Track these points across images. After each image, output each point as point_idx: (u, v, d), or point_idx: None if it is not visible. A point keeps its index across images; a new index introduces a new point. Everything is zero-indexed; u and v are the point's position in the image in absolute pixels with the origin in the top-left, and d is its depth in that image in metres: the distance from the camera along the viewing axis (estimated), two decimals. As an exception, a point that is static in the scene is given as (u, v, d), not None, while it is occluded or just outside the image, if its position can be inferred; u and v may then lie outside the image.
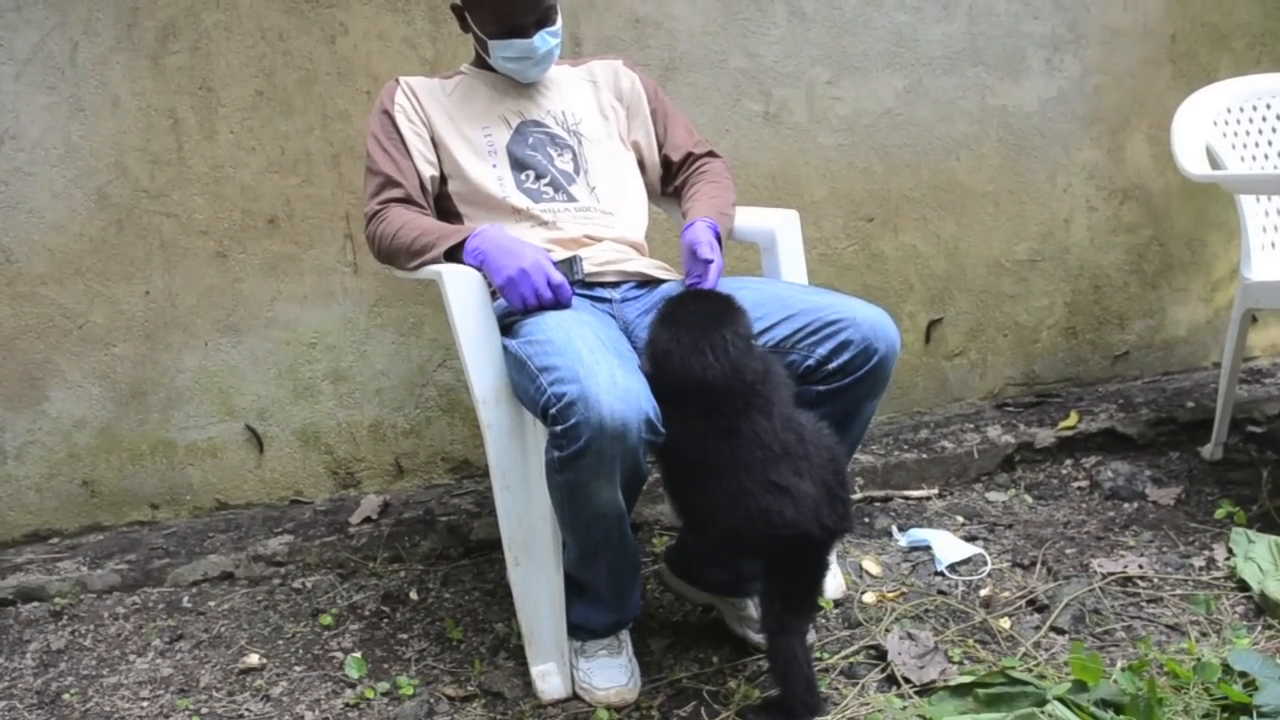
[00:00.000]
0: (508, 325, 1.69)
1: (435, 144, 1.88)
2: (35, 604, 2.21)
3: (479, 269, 1.67)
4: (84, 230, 2.31)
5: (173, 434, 2.43)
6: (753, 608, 1.80)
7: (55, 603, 2.19)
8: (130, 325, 2.37)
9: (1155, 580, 2.00)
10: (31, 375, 2.35)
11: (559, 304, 1.65)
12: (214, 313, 2.39)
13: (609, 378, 1.45)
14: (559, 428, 1.46)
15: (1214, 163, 2.37)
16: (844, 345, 1.65)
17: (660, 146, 2.04)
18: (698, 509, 1.58)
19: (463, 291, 1.65)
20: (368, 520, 2.36)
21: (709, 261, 1.71)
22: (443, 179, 1.88)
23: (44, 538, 2.43)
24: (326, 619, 2.07)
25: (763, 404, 1.51)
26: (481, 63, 1.95)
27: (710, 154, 2.04)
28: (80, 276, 2.33)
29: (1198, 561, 2.07)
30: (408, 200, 1.83)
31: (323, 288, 2.42)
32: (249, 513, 2.48)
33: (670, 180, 2.05)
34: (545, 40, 1.84)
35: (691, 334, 1.52)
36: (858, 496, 2.43)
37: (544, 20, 1.83)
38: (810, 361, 1.67)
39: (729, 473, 1.50)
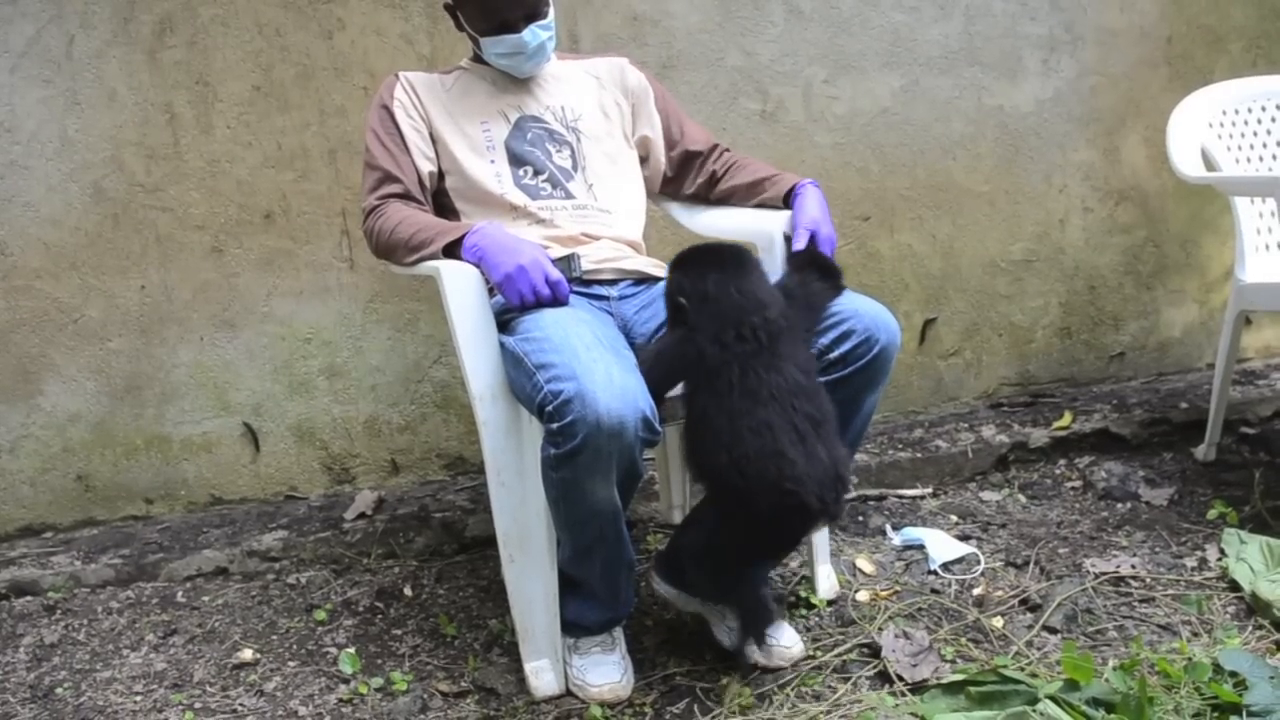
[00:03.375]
0: (505, 322, 1.69)
1: (434, 140, 1.88)
2: (28, 598, 2.20)
3: (477, 265, 1.67)
4: (80, 224, 2.31)
5: (167, 429, 2.43)
6: None
7: (49, 597, 2.19)
8: (125, 320, 2.36)
9: (1147, 580, 2.01)
10: (26, 369, 2.35)
11: (556, 301, 1.65)
12: (209, 308, 2.39)
13: (606, 375, 1.46)
14: (555, 425, 1.47)
15: (1209, 164, 2.38)
16: (845, 335, 1.67)
17: (675, 144, 2.04)
18: (716, 438, 1.54)
19: (460, 288, 1.65)
20: (362, 516, 2.36)
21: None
22: (440, 175, 1.88)
23: (37, 532, 2.42)
24: (320, 614, 2.07)
25: (791, 355, 1.55)
26: (480, 58, 1.95)
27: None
28: (75, 270, 2.32)
29: (1190, 562, 2.07)
30: (406, 196, 1.83)
31: (319, 283, 2.41)
32: (243, 508, 2.48)
33: (694, 173, 2.04)
34: (536, 34, 1.84)
35: (734, 273, 1.56)
36: (852, 495, 2.43)
37: (533, 14, 1.83)
38: (812, 351, 1.68)
39: (758, 407, 1.50)
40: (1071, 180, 2.78)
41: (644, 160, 2.04)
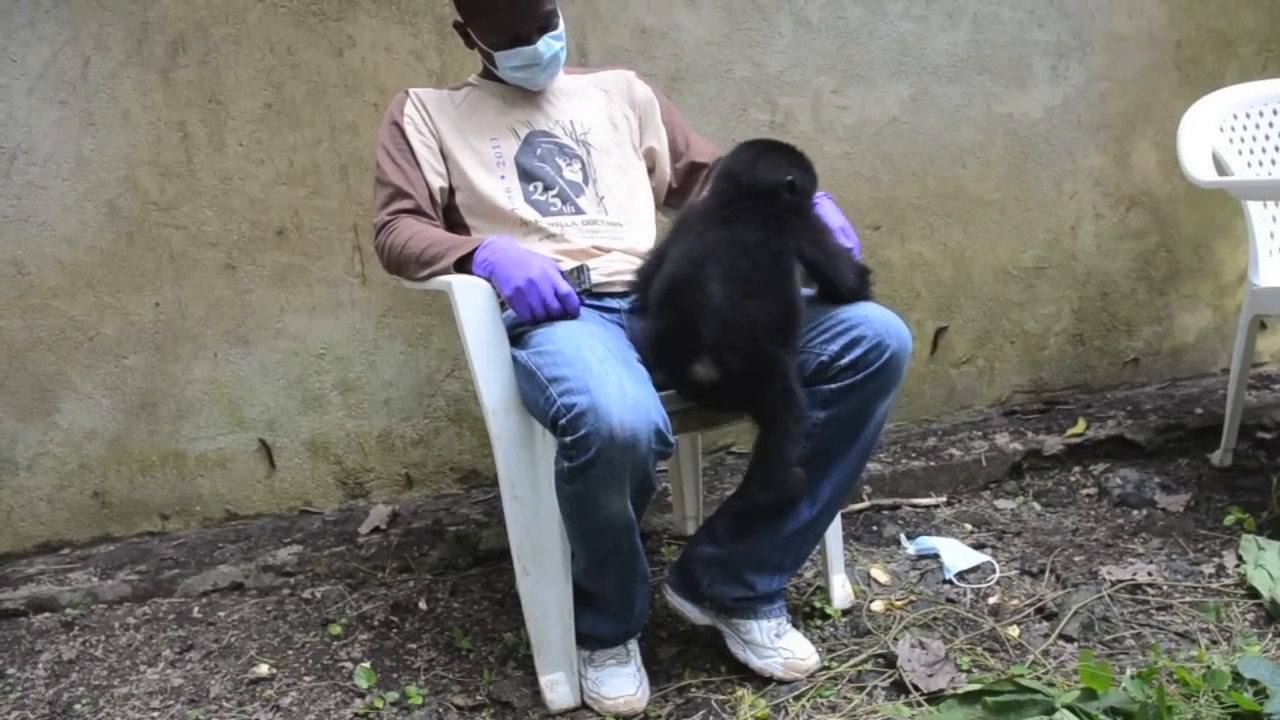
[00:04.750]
0: (517, 336, 1.69)
1: (444, 155, 1.89)
2: (46, 614, 2.22)
3: (488, 279, 1.68)
4: (95, 243, 2.33)
5: (183, 445, 2.45)
6: (756, 631, 1.79)
7: (66, 613, 2.20)
8: (140, 337, 2.38)
9: (1165, 587, 2.00)
10: (43, 387, 2.37)
11: (566, 314, 1.65)
12: (223, 324, 2.40)
13: (619, 388, 1.46)
14: (569, 438, 1.47)
15: (1220, 169, 2.37)
16: (855, 341, 1.67)
17: (680, 155, 2.05)
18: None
19: (472, 302, 1.66)
20: (377, 530, 2.37)
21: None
22: (451, 191, 1.89)
23: (55, 548, 2.44)
24: (336, 629, 2.07)
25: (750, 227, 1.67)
26: (489, 74, 1.96)
27: None
28: (91, 289, 2.34)
29: (1207, 569, 2.06)
30: (417, 211, 1.84)
31: (331, 298, 2.43)
32: (258, 523, 2.49)
33: (699, 185, 2.05)
34: (550, 45, 1.85)
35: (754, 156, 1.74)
36: (864, 505, 2.43)
37: (545, 25, 1.84)
38: (823, 358, 1.68)
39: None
40: (1082, 186, 2.78)
41: (650, 171, 2.05)
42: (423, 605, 2.16)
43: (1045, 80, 2.69)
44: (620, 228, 1.91)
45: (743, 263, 1.61)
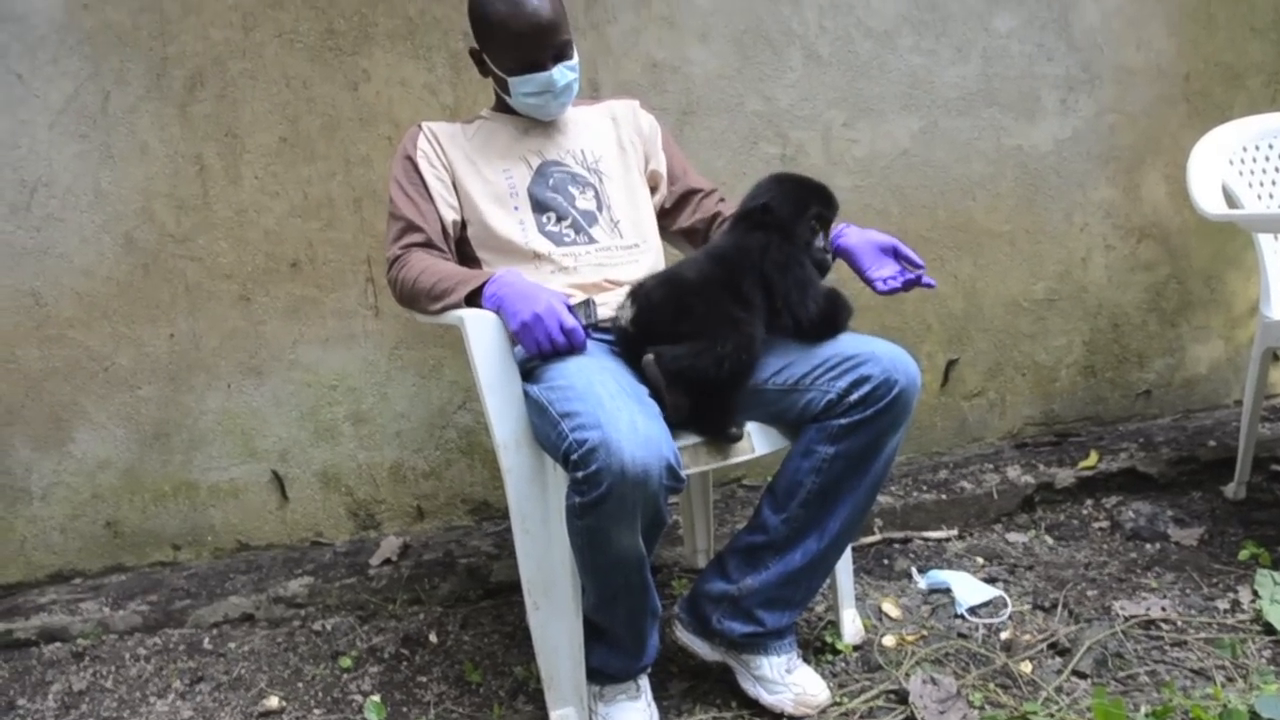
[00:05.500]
0: (529, 370, 1.70)
1: (456, 188, 1.90)
2: (58, 644, 2.22)
3: (497, 313, 1.69)
4: (111, 274, 2.35)
5: (195, 475, 2.46)
6: (767, 666, 1.78)
7: (77, 643, 2.21)
8: (155, 367, 2.40)
9: (1179, 623, 1.98)
10: (58, 416, 2.38)
11: (572, 349, 1.66)
12: (237, 355, 2.42)
13: (630, 424, 1.46)
14: (580, 473, 1.47)
15: (1231, 201, 2.37)
16: (864, 379, 1.67)
17: (676, 180, 2.08)
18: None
19: (484, 336, 1.67)
20: (388, 562, 2.37)
21: (922, 265, 1.86)
22: (463, 224, 1.91)
23: (67, 578, 2.45)
24: (346, 661, 2.07)
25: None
26: (501, 106, 1.98)
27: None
28: (107, 319, 2.36)
29: (1222, 604, 2.04)
30: (429, 245, 1.85)
31: (344, 330, 2.44)
32: (270, 554, 2.49)
33: (691, 208, 2.08)
34: (564, 74, 1.86)
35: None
36: (875, 538, 2.42)
37: (561, 54, 1.86)
38: (831, 395, 1.69)
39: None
40: (1092, 218, 2.78)
41: (652, 191, 2.07)
42: (433, 638, 2.15)
43: (1055, 113, 2.70)
44: (636, 249, 1.93)
45: (707, 264, 1.74)
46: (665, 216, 2.10)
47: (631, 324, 1.70)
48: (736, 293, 1.70)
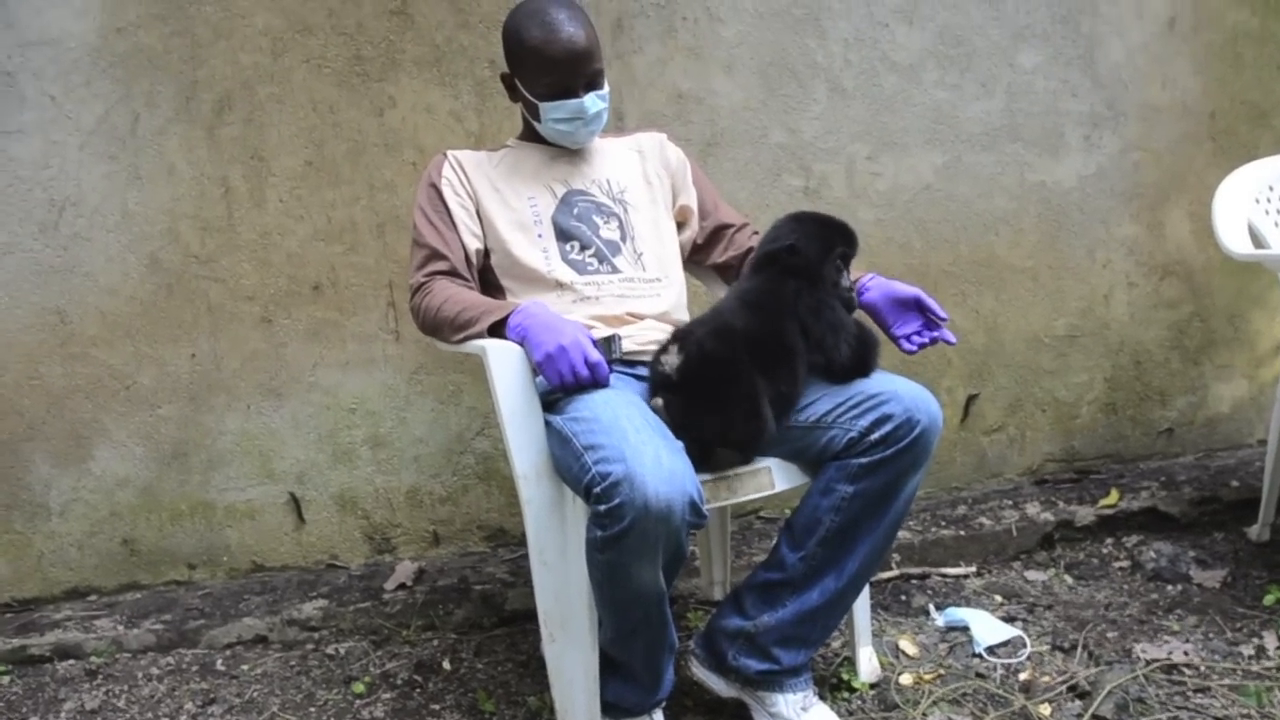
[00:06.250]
0: (551, 401, 1.70)
1: (480, 217, 1.90)
2: (71, 662, 2.22)
3: (520, 344, 1.69)
4: (135, 293, 2.37)
5: (212, 495, 2.46)
6: (782, 704, 1.77)
7: (91, 661, 2.21)
8: (175, 387, 2.41)
9: (1202, 668, 1.96)
10: (79, 434, 2.39)
11: (596, 383, 1.65)
12: (257, 376, 2.43)
13: (654, 459, 1.46)
14: (603, 507, 1.46)
15: (1256, 240, 2.36)
16: (885, 418, 1.66)
17: (708, 215, 2.08)
18: None
19: (506, 367, 1.67)
20: (402, 587, 2.36)
21: (945, 318, 1.86)
22: (486, 252, 1.91)
23: (83, 594, 2.45)
24: (359, 687, 2.06)
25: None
26: (528, 134, 1.99)
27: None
28: (130, 338, 2.38)
29: (1246, 650, 2.02)
30: (452, 273, 1.86)
31: (364, 354, 2.45)
32: (284, 575, 2.49)
33: (724, 244, 2.08)
34: (595, 102, 1.87)
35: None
36: (893, 573, 2.40)
37: (593, 83, 1.86)
38: (852, 434, 1.68)
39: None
40: (1115, 255, 2.77)
41: (681, 227, 2.07)
42: (446, 665, 2.14)
43: (1079, 149, 2.70)
44: (658, 283, 1.92)
45: (745, 312, 1.73)
46: (698, 252, 2.10)
47: (676, 372, 1.67)
48: (779, 344, 1.69)
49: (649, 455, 1.46)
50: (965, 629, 2.15)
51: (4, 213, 2.30)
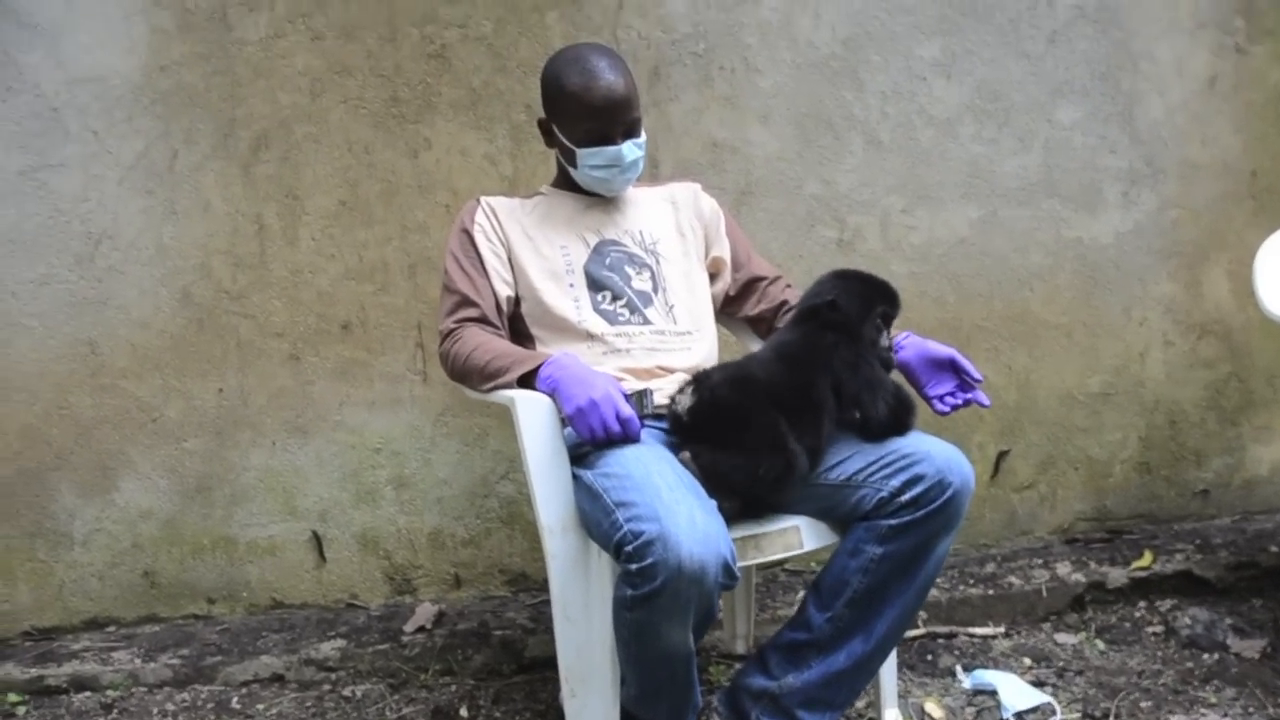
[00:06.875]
0: (580, 455, 1.68)
1: (512, 264, 1.90)
2: (87, 694, 2.22)
3: (551, 395, 1.67)
4: (166, 327, 2.38)
5: (234, 530, 2.45)
6: None
7: (107, 694, 2.20)
8: (202, 421, 2.41)
9: (1240, 746, 1.90)
10: (105, 465, 2.40)
11: (627, 438, 1.63)
12: (283, 413, 2.43)
13: (689, 518, 1.43)
14: (634, 566, 1.44)
15: (1298, 304, 2.31)
16: (917, 479, 1.64)
17: (741, 267, 2.06)
18: None
19: (535, 419, 1.65)
20: (422, 630, 2.34)
21: (979, 379, 1.84)
22: (517, 300, 1.90)
23: (102, 625, 2.45)
24: (375, 733, 2.04)
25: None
26: (562, 182, 1.98)
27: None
28: (159, 371, 2.39)
29: (1287, 727, 1.96)
30: (483, 320, 1.85)
31: (391, 394, 2.45)
32: (303, 613, 2.47)
33: (756, 296, 2.07)
34: (632, 150, 1.86)
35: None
36: (920, 631, 2.35)
37: (631, 131, 1.86)
38: (883, 493, 1.65)
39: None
40: (1152, 313, 2.73)
41: (713, 278, 2.05)
42: (464, 712, 2.11)
43: (1116, 206, 2.67)
44: (689, 336, 1.91)
45: (776, 362, 1.73)
46: (730, 304, 2.08)
47: (688, 413, 1.68)
48: (804, 397, 1.68)
49: (683, 515, 1.43)
50: (993, 693, 2.10)
51: (43, 244, 2.33)
